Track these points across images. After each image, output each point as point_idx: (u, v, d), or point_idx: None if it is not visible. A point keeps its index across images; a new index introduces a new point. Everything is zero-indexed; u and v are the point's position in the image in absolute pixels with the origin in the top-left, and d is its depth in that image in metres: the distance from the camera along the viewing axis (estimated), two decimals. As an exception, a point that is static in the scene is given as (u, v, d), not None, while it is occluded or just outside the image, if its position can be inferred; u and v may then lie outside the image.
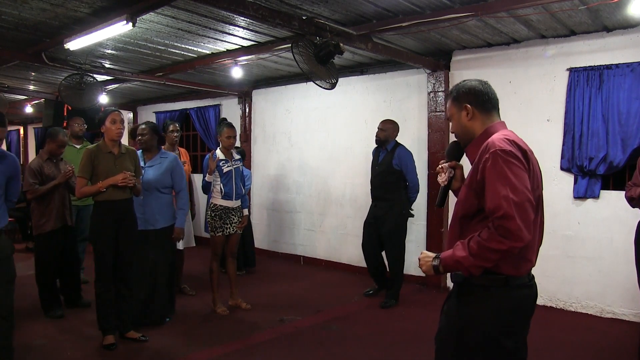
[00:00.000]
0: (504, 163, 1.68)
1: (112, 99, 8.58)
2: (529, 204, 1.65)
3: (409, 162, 4.90)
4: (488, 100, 1.94)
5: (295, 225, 7.12)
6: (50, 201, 4.43)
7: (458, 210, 1.90)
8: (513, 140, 1.76)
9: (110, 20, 3.84)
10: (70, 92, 5.40)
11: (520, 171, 1.69)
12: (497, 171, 1.68)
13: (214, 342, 3.96)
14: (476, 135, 1.92)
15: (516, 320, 1.85)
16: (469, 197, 1.83)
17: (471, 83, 1.97)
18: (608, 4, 3.75)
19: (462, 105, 1.94)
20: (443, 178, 2.08)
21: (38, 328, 4.17)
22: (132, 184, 3.69)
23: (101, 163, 3.67)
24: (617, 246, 4.48)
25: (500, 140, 1.75)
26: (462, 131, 1.97)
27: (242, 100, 7.66)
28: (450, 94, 2.01)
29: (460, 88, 1.98)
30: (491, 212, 1.67)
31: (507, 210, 1.62)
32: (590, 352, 3.82)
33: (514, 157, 1.70)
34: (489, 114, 1.94)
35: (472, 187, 1.81)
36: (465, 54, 5.37)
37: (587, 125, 4.56)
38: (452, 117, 2.01)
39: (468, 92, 1.95)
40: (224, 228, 4.54)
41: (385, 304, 4.93)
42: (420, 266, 1.89)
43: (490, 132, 1.87)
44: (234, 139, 4.65)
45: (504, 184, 1.66)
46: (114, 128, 3.70)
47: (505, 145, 1.72)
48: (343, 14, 4.18)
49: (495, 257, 1.68)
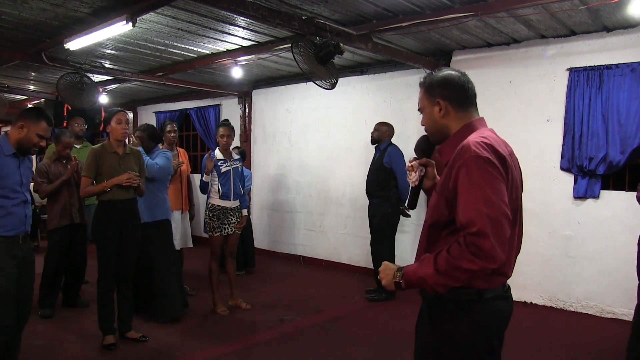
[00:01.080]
0: (478, 172, 1.49)
1: (112, 99, 8.58)
2: (505, 220, 1.48)
3: (399, 161, 5.04)
4: (465, 95, 1.72)
5: (295, 225, 7.12)
6: (55, 200, 4.51)
7: (427, 217, 1.72)
8: (491, 144, 1.55)
9: (110, 20, 3.85)
10: (70, 92, 5.40)
11: (497, 182, 1.50)
12: (472, 181, 1.49)
13: (214, 342, 3.96)
14: (450, 134, 1.72)
15: (493, 333, 1.68)
16: (439, 204, 1.64)
17: (446, 73, 1.74)
18: (608, 4, 3.75)
19: (435, 100, 1.72)
20: (413, 178, 1.91)
21: (38, 328, 4.16)
22: (137, 184, 3.70)
23: (106, 163, 3.68)
24: (617, 246, 4.48)
25: (476, 144, 1.54)
26: (434, 128, 1.76)
27: (242, 100, 7.66)
28: (423, 83, 1.78)
29: (434, 79, 1.75)
30: (463, 226, 1.49)
31: (480, 226, 1.44)
32: (590, 352, 3.82)
33: (490, 164, 1.51)
34: (466, 111, 1.72)
35: (443, 194, 1.62)
36: (465, 54, 5.37)
37: (587, 125, 4.56)
38: (423, 110, 1.79)
39: (441, 84, 1.72)
40: (222, 228, 4.54)
41: (372, 298, 5.11)
42: (380, 279, 1.71)
43: (467, 131, 1.67)
44: (228, 139, 4.58)
45: (478, 196, 1.47)
46: (120, 128, 3.72)
47: (481, 150, 1.52)
48: (343, 14, 4.18)
49: (465, 277, 1.49)
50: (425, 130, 1.82)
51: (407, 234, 5.81)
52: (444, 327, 1.65)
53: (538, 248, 4.90)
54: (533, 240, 4.94)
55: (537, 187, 4.90)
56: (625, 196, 4.51)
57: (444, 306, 1.65)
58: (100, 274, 3.71)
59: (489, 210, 1.46)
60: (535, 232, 4.93)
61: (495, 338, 1.71)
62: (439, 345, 1.66)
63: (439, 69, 1.80)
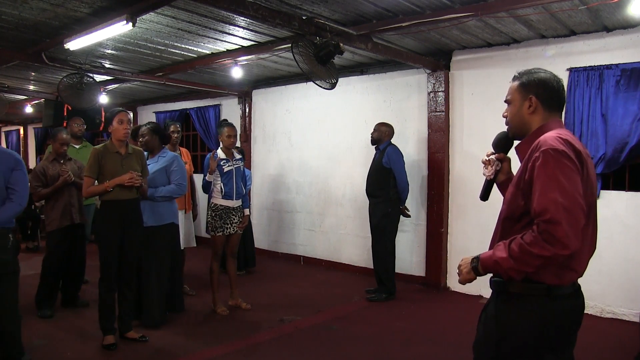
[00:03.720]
0: (555, 163, 1.55)
1: (112, 99, 8.58)
2: (579, 210, 1.52)
3: (397, 160, 5.06)
4: (557, 98, 1.79)
5: (295, 225, 7.12)
6: (55, 201, 4.48)
7: (503, 210, 1.77)
8: (567, 139, 1.61)
9: (110, 20, 3.84)
10: (70, 92, 5.40)
11: (573, 174, 1.55)
12: (548, 172, 1.55)
13: (214, 342, 3.96)
14: (530, 131, 1.79)
15: (559, 333, 1.67)
16: (515, 197, 1.69)
17: (545, 75, 1.80)
18: (608, 4, 3.75)
19: (528, 96, 1.79)
20: (489, 171, 1.96)
21: (38, 328, 4.16)
22: (139, 184, 3.70)
23: (108, 163, 3.69)
24: (617, 246, 4.48)
25: (553, 138, 1.61)
26: (518, 122, 1.84)
27: (242, 100, 7.66)
28: (519, 77, 1.84)
29: (532, 76, 1.80)
30: (537, 214, 1.54)
31: (554, 214, 1.49)
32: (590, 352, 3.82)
33: (566, 157, 1.56)
34: (551, 113, 1.79)
35: (519, 187, 1.68)
36: (465, 54, 5.37)
37: (587, 125, 4.56)
38: (511, 103, 1.86)
39: (539, 83, 1.78)
40: (224, 228, 4.54)
41: (372, 298, 5.12)
42: (460, 270, 1.75)
43: (545, 129, 1.74)
44: (234, 138, 4.65)
45: (553, 186, 1.53)
46: (122, 128, 3.72)
47: (558, 144, 1.58)
48: (343, 14, 4.18)
49: (537, 262, 1.54)
50: (507, 122, 1.89)
51: (407, 234, 5.81)
52: (509, 318, 1.69)
53: (538, 248, 4.90)
54: (533, 240, 4.94)
55: (537, 187, 4.90)
56: (625, 196, 4.51)
57: (511, 298, 1.69)
58: (103, 274, 3.71)
59: (563, 199, 1.51)
60: (535, 232, 4.93)
61: (561, 337, 1.69)
62: (501, 338, 1.69)
63: (534, 69, 1.85)
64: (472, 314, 4.84)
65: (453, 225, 5.53)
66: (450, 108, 5.50)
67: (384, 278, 5.14)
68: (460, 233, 5.47)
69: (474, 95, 5.33)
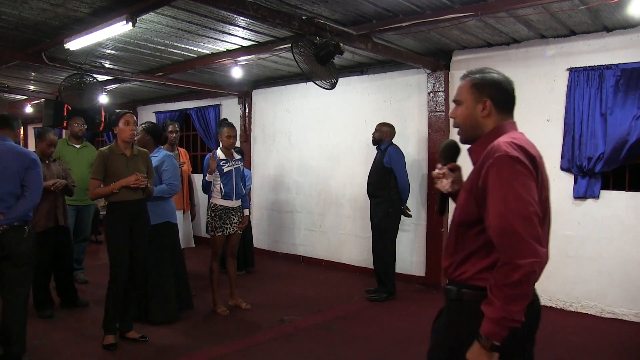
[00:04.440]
0: (509, 170, 1.51)
1: (112, 99, 8.58)
2: (535, 217, 1.49)
3: (398, 161, 5.07)
4: (510, 100, 1.74)
5: (295, 225, 7.12)
6: (41, 202, 4.38)
7: (456, 217, 1.71)
8: (521, 145, 1.57)
9: (110, 20, 3.84)
10: (70, 92, 5.40)
11: (527, 180, 1.51)
12: (502, 179, 1.51)
13: (214, 342, 3.96)
14: (483, 134, 1.72)
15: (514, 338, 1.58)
16: (468, 203, 1.64)
17: (498, 77, 1.74)
18: (608, 4, 3.75)
19: (481, 98, 1.71)
20: (446, 185, 1.86)
21: (38, 328, 4.16)
22: (145, 185, 3.71)
23: (114, 164, 3.70)
24: (617, 246, 4.48)
25: (506, 144, 1.55)
26: (470, 126, 1.75)
27: (242, 100, 7.66)
28: (470, 77, 1.76)
29: (486, 77, 1.74)
30: (493, 228, 1.50)
31: (511, 225, 1.46)
32: (590, 352, 3.82)
33: (520, 163, 1.52)
34: (504, 115, 1.73)
35: (472, 193, 1.62)
36: (465, 54, 5.37)
37: (586, 125, 4.56)
38: (462, 104, 1.76)
39: (493, 85, 1.72)
40: (224, 228, 4.54)
41: (372, 298, 5.12)
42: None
43: (499, 132, 1.68)
44: (234, 139, 4.66)
45: (508, 195, 1.48)
46: (128, 129, 3.74)
47: (511, 150, 1.53)
48: (343, 14, 4.18)
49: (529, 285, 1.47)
50: (457, 124, 1.80)
51: (408, 234, 5.81)
52: (464, 328, 1.62)
53: (538, 248, 4.90)
54: (533, 240, 4.94)
55: (537, 187, 4.90)
56: (625, 196, 4.51)
57: (464, 307, 1.64)
58: (112, 275, 3.71)
59: (520, 207, 1.47)
60: (535, 232, 4.93)
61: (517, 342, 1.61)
62: (457, 347, 1.62)
63: (486, 69, 1.79)
64: (472, 314, 4.84)
65: (453, 225, 5.52)
66: (450, 108, 5.49)
67: (384, 278, 5.14)
68: (460, 233, 5.46)
69: (474, 95, 5.32)
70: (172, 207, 4.50)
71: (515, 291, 1.46)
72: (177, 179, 4.39)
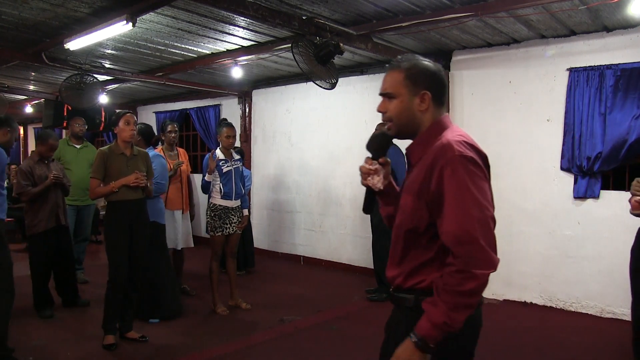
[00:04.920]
0: (466, 173, 1.41)
1: (112, 99, 8.58)
2: (492, 222, 1.43)
3: (398, 161, 5.01)
4: (444, 92, 1.59)
5: (295, 225, 7.11)
6: (43, 202, 4.44)
7: (402, 221, 1.57)
8: (472, 143, 1.49)
9: (110, 20, 3.84)
10: (70, 92, 5.40)
11: (482, 181, 1.44)
12: (459, 183, 1.41)
13: (214, 342, 3.96)
14: (419, 130, 1.58)
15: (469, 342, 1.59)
16: (418, 208, 1.51)
17: (433, 67, 1.58)
18: (608, 4, 3.75)
19: (419, 91, 1.55)
20: (378, 182, 1.67)
21: (38, 328, 4.17)
22: (144, 184, 3.72)
23: (113, 164, 3.71)
24: (617, 246, 4.48)
25: (458, 143, 1.46)
26: (406, 121, 1.58)
27: (242, 100, 7.66)
28: (403, 68, 1.57)
29: (420, 67, 1.56)
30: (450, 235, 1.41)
31: (470, 232, 1.38)
32: (590, 352, 3.82)
33: (474, 164, 1.44)
34: (440, 109, 1.59)
35: (421, 197, 1.49)
36: (465, 54, 5.37)
37: (586, 125, 4.56)
38: (396, 97, 1.57)
39: (430, 77, 1.56)
40: (224, 228, 4.54)
41: (372, 298, 5.14)
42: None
43: (440, 127, 1.56)
44: (233, 139, 4.67)
45: (467, 199, 1.40)
46: (128, 129, 3.74)
47: (464, 150, 1.44)
48: (343, 14, 4.18)
49: (476, 299, 1.42)
50: (389, 118, 1.61)
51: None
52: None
53: (538, 248, 4.90)
54: (533, 240, 4.95)
55: (537, 187, 4.91)
56: (625, 196, 4.49)
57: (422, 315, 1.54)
58: (112, 275, 3.71)
59: (477, 213, 1.40)
60: (535, 232, 4.93)
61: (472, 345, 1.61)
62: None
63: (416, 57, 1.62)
64: (472, 314, 4.85)
65: (453, 225, 5.52)
66: (450, 108, 5.50)
67: (384, 278, 5.14)
68: (460, 233, 5.46)
69: (474, 95, 5.33)
70: (161, 207, 4.51)
71: (465, 300, 1.40)
72: (165, 178, 4.45)
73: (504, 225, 5.15)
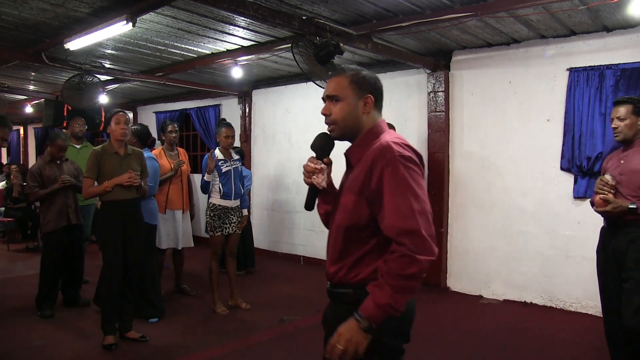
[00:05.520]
0: (405, 171, 1.52)
1: (112, 99, 8.58)
2: (430, 215, 1.54)
3: None
4: (382, 99, 1.76)
5: (295, 225, 7.11)
6: (53, 201, 4.48)
7: (343, 219, 1.66)
8: (409, 144, 1.61)
9: (110, 20, 3.84)
10: (71, 92, 5.40)
11: (421, 179, 1.55)
12: (399, 180, 1.51)
13: (214, 342, 3.96)
14: (360, 132, 1.70)
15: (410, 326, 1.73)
16: (358, 205, 1.60)
17: (372, 74, 1.74)
18: (608, 4, 3.75)
19: (363, 95, 1.68)
20: (322, 181, 1.77)
21: (38, 328, 4.17)
22: (138, 183, 3.72)
23: (107, 163, 3.71)
24: (617, 246, 4.48)
25: (396, 144, 1.57)
26: (349, 122, 1.70)
27: (242, 100, 7.66)
28: (346, 74, 1.72)
29: (362, 74, 1.72)
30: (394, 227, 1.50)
31: (411, 223, 1.48)
32: (590, 352, 3.82)
33: (413, 162, 1.55)
34: (379, 113, 1.75)
35: (362, 194, 1.59)
36: (465, 54, 5.37)
37: (586, 125, 4.56)
38: (341, 100, 1.71)
39: (372, 82, 1.71)
40: (223, 228, 4.54)
41: None
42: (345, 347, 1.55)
43: (378, 131, 1.68)
44: (232, 139, 4.67)
45: (407, 195, 1.50)
46: (118, 129, 3.75)
47: (403, 150, 1.55)
48: (343, 14, 4.18)
49: (418, 283, 1.51)
50: (332, 121, 1.75)
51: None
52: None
53: (538, 248, 4.90)
54: (533, 240, 4.94)
55: (537, 187, 4.90)
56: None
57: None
58: (106, 275, 3.71)
59: (417, 206, 1.50)
60: (535, 232, 4.93)
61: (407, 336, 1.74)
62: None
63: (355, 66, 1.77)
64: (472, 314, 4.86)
65: (453, 225, 5.53)
66: (450, 108, 5.50)
67: None
68: (460, 233, 5.47)
69: (474, 95, 5.33)
70: (154, 208, 4.49)
71: (408, 283, 1.49)
72: (155, 181, 4.46)
73: (504, 225, 5.16)
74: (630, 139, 3.05)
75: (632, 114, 3.00)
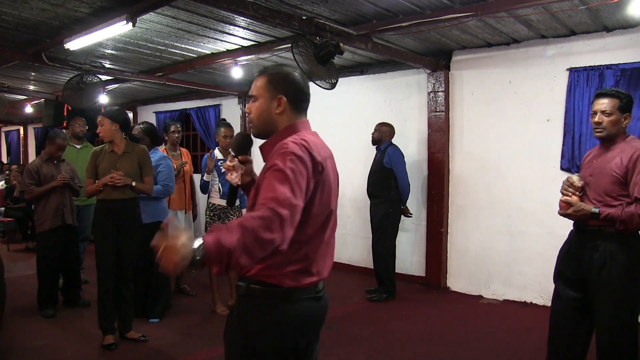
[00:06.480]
0: (290, 165, 1.52)
1: (112, 99, 8.58)
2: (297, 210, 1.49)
3: (398, 161, 5.06)
4: (304, 99, 1.76)
5: (295, 225, 7.10)
6: (46, 202, 4.46)
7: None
8: (308, 147, 1.60)
9: (110, 20, 3.85)
10: (71, 92, 5.40)
11: (301, 178, 1.53)
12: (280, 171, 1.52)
13: (214, 342, 3.95)
14: (276, 132, 1.74)
15: (300, 334, 1.70)
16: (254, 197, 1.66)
17: (293, 74, 1.75)
18: (608, 4, 3.75)
19: (277, 95, 1.71)
20: (235, 177, 1.89)
21: (38, 328, 4.17)
22: (120, 184, 3.63)
23: (102, 163, 3.71)
24: (617, 246, 4.48)
25: (294, 144, 1.58)
26: (264, 122, 1.75)
27: (242, 100, 7.66)
28: (267, 73, 1.77)
29: (281, 74, 1.75)
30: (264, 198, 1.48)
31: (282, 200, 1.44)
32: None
33: (301, 162, 1.54)
34: (297, 113, 1.75)
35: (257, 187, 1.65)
36: (465, 54, 5.37)
37: (586, 125, 4.56)
38: (257, 100, 1.75)
39: (289, 83, 1.73)
40: (223, 227, 4.54)
41: (372, 298, 5.12)
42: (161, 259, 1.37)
43: (291, 131, 1.70)
44: (231, 139, 4.65)
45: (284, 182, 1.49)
46: (100, 129, 3.71)
47: (297, 149, 1.56)
48: (343, 14, 4.18)
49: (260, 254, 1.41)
50: (250, 119, 1.80)
51: (408, 234, 5.81)
52: (251, 324, 1.64)
53: (538, 248, 4.90)
54: (533, 240, 4.94)
55: (537, 187, 4.90)
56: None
57: (253, 303, 1.65)
58: (99, 274, 3.71)
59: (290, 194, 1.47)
60: (535, 232, 4.93)
61: (304, 339, 1.71)
62: (246, 343, 1.65)
63: (284, 66, 1.82)
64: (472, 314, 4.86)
65: (453, 225, 5.53)
66: (450, 108, 5.50)
67: (384, 278, 5.14)
68: (460, 233, 5.47)
69: (474, 95, 5.33)
70: (164, 206, 4.50)
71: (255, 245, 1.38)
72: (172, 180, 4.44)
73: (504, 226, 5.16)
74: (612, 137, 2.76)
75: (618, 109, 2.71)
